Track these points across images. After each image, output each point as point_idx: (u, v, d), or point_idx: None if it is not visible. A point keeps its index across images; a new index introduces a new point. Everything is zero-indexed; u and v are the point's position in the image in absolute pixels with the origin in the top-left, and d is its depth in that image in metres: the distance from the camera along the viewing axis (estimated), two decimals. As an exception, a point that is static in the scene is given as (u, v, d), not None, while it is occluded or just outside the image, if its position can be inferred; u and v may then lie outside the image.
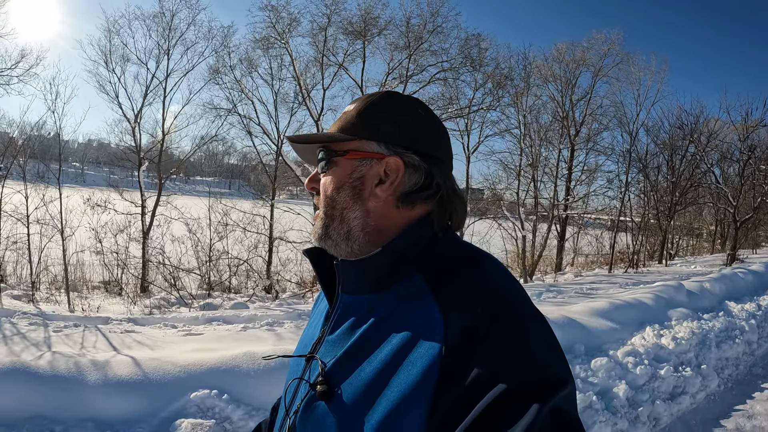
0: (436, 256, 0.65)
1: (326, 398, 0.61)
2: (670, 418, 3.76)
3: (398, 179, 0.66)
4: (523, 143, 11.29)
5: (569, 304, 5.61)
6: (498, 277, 0.61)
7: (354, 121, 0.69)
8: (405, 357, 0.56)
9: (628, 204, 13.38)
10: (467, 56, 10.13)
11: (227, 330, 4.76)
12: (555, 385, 0.50)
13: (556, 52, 13.64)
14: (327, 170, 0.70)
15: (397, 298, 0.62)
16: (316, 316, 0.79)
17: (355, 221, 0.67)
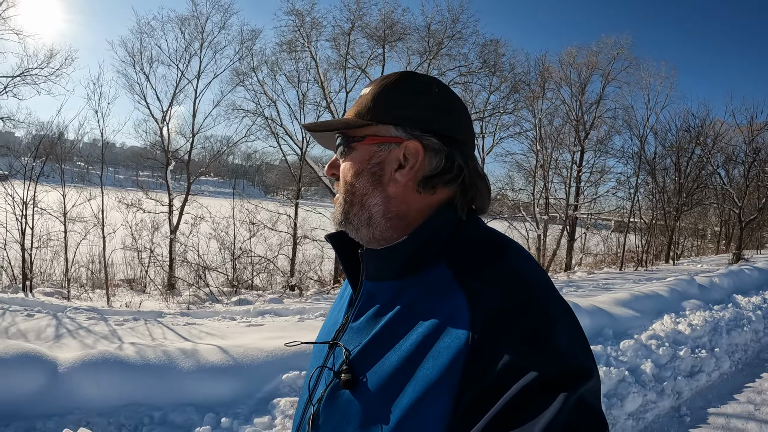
0: (461, 243, 0.65)
1: (351, 386, 0.61)
2: (690, 392, 4.37)
3: (418, 163, 0.66)
4: (538, 145, 11.92)
5: (592, 296, 6.23)
6: (524, 267, 0.62)
7: (370, 105, 0.69)
8: (431, 346, 0.56)
9: (637, 205, 14.09)
10: (486, 61, 10.77)
11: (285, 321, 5.32)
12: (580, 377, 0.51)
13: (566, 55, 14.36)
14: (345, 156, 0.70)
15: (422, 285, 0.63)
16: (340, 303, 0.80)
17: (375, 207, 0.67)
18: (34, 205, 8.47)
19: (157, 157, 11.04)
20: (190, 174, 10.91)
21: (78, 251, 9.77)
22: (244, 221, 10.70)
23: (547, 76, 12.49)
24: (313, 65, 10.68)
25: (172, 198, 10.49)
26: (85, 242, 9.61)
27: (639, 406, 3.83)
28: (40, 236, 9.09)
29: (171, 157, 10.76)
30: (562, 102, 13.64)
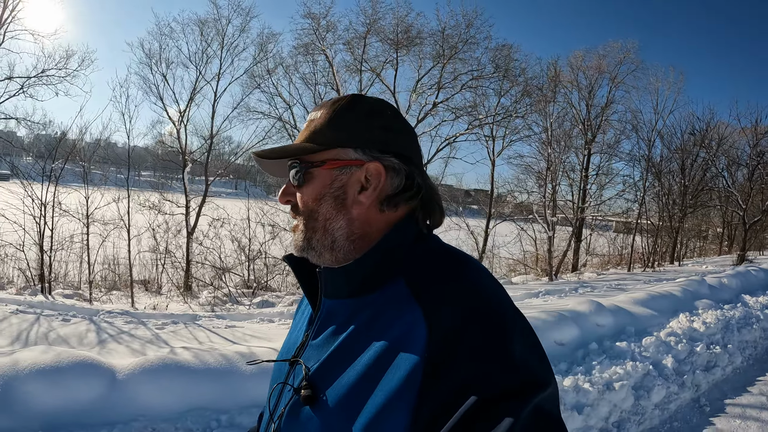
0: (418, 259, 0.67)
1: (310, 402, 0.63)
2: (707, 385, 4.79)
3: (381, 184, 0.68)
4: (550, 148, 12.37)
5: (609, 296, 6.65)
6: (480, 281, 0.63)
7: (326, 129, 0.71)
8: (388, 362, 0.58)
9: (643, 207, 14.59)
10: (499, 66, 11.20)
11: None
12: (536, 386, 0.53)
13: (574, 59, 14.82)
14: (304, 182, 0.71)
15: (380, 302, 0.64)
16: (300, 321, 0.82)
17: (339, 231, 0.69)
18: (53, 207, 8.75)
19: (172, 158, 11.36)
20: (208, 175, 11.24)
21: (97, 253, 10.05)
22: (259, 222, 11.04)
23: (557, 81, 12.93)
24: (328, 68, 11.07)
25: (189, 199, 10.80)
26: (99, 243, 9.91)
27: (663, 398, 4.24)
28: (60, 238, 9.37)
29: (188, 159, 11.08)
30: (570, 105, 14.12)
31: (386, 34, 10.83)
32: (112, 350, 4.42)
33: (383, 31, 10.81)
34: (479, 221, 13.90)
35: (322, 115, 0.72)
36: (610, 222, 17.20)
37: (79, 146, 10.45)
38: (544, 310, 5.05)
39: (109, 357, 3.75)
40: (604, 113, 14.09)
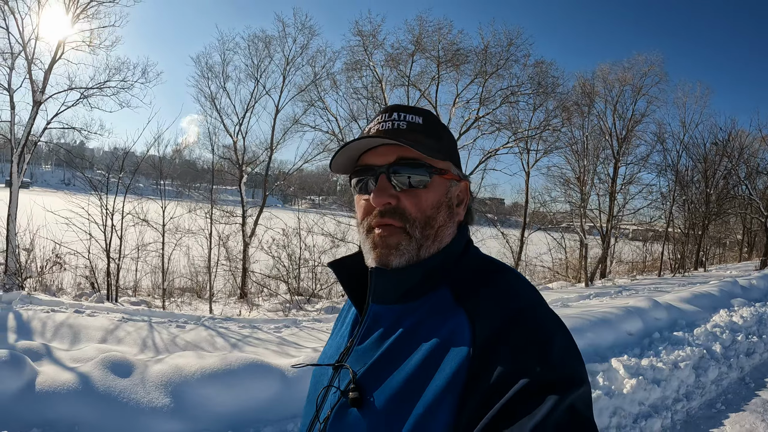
0: (462, 268, 0.76)
1: (358, 405, 0.69)
2: (749, 367, 5.99)
3: (467, 200, 0.81)
4: (584, 160, 13.66)
5: (656, 296, 7.88)
6: (519, 286, 0.72)
7: (438, 140, 0.78)
8: (435, 364, 0.64)
9: (670, 216, 15.91)
10: (540, 83, 12.52)
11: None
12: (572, 384, 0.59)
13: (600, 71, 16.16)
14: (423, 186, 0.75)
15: (426, 308, 0.72)
16: (342, 326, 0.89)
17: (448, 238, 0.77)
18: (122, 216, 9.90)
19: (229, 169, 12.55)
20: (266, 187, 12.47)
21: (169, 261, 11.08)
22: (311, 231, 12.20)
23: (592, 95, 14.25)
24: (375, 84, 12.36)
25: (245, 210, 11.97)
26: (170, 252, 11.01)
27: (716, 376, 5.44)
28: (126, 246, 10.52)
29: (244, 170, 12.28)
30: (598, 117, 15.43)
31: (431, 51, 12.17)
32: (260, 354, 4.75)
33: (428, 49, 12.14)
34: (509, 230, 15.17)
35: (426, 123, 0.77)
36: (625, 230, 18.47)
37: (145, 159, 11.67)
38: (612, 306, 6.27)
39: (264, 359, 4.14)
40: (631, 125, 15.41)
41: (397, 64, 12.19)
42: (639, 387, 4.42)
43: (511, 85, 12.50)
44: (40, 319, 5.88)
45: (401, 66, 12.27)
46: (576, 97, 13.73)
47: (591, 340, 5.19)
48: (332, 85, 12.72)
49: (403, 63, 12.19)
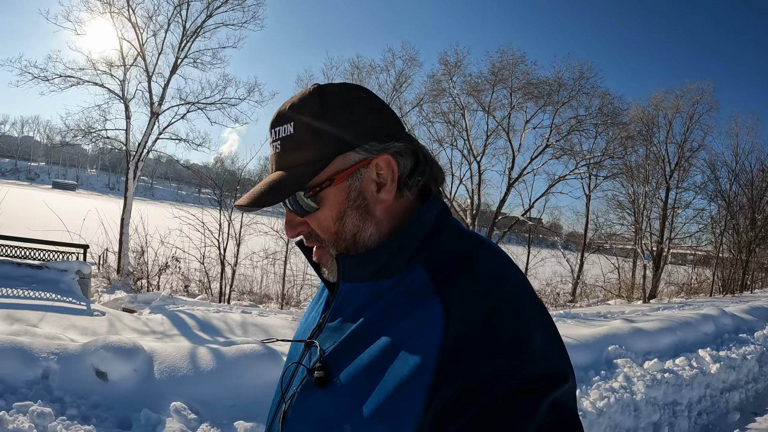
0: (439, 245, 0.73)
1: (323, 384, 0.70)
2: (803, 364, 8.05)
3: (395, 174, 0.72)
4: (645, 185, 15.86)
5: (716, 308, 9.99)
6: (501, 271, 0.69)
7: (312, 143, 0.71)
8: (403, 349, 0.64)
9: (720, 240, 18.02)
10: (605, 113, 14.85)
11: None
12: (556, 381, 0.59)
13: (654, 99, 18.41)
14: (316, 209, 0.73)
15: (398, 288, 0.71)
16: (317, 302, 0.90)
17: (371, 238, 0.73)
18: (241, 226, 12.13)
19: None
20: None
21: (285, 266, 13.07)
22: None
23: (649, 122, 16.56)
24: (456, 110, 14.79)
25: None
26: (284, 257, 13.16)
27: (775, 367, 7.52)
28: (242, 253, 12.70)
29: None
30: (652, 143, 17.63)
31: (508, 81, 14.61)
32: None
33: (506, 79, 14.57)
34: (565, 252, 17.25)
35: (296, 128, 0.71)
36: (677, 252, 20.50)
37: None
38: (688, 314, 8.37)
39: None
40: (682, 152, 17.59)
41: (478, 94, 14.57)
42: (721, 370, 6.49)
43: (579, 115, 14.80)
44: (219, 318, 7.87)
45: (483, 95, 14.69)
46: (638, 127, 16.00)
47: (680, 337, 7.26)
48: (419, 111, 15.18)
49: (484, 92, 14.62)
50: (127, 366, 4.09)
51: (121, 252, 12.03)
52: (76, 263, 9.54)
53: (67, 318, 6.51)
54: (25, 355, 3.98)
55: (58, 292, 8.16)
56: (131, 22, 12.37)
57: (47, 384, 3.87)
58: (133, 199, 12.29)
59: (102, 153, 16.67)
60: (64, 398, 3.74)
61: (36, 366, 3.94)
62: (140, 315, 7.88)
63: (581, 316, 9.43)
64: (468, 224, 15.30)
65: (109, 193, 16.59)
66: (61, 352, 4.07)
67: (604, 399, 4.70)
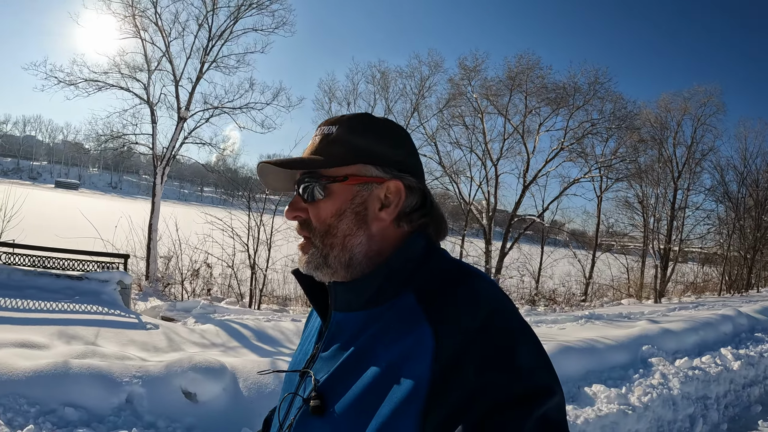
0: (427, 272, 0.79)
1: (319, 413, 0.74)
2: (814, 362, 8.79)
3: (401, 201, 0.81)
4: (659, 189, 16.62)
5: (732, 308, 10.74)
6: (487, 293, 0.74)
7: (346, 144, 0.81)
8: (396, 374, 0.68)
9: (727, 240, 18.87)
10: (618, 116, 15.58)
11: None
12: (543, 395, 0.63)
13: (661, 101, 19.15)
14: (323, 196, 0.80)
15: (389, 315, 0.76)
16: (310, 332, 0.95)
17: (359, 247, 0.80)
18: (271, 231, 12.67)
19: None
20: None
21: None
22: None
23: (661, 125, 17.33)
24: (474, 114, 15.47)
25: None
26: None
27: (791, 364, 8.24)
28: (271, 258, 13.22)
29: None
30: (656, 143, 18.35)
31: (524, 85, 15.29)
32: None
33: (522, 83, 15.26)
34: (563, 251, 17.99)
35: (338, 131, 0.83)
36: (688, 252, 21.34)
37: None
38: (707, 315, 9.09)
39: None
40: (690, 153, 18.36)
41: (495, 98, 15.25)
42: (741, 366, 7.18)
43: (593, 119, 15.54)
44: (272, 327, 8.06)
45: (499, 99, 15.37)
46: (651, 131, 16.76)
47: (702, 337, 7.96)
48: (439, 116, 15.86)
49: (501, 96, 15.30)
50: (216, 385, 4.16)
51: (149, 258, 12.48)
52: (117, 273, 9.53)
53: (123, 333, 6.52)
54: (107, 380, 3.97)
55: (102, 304, 8.13)
56: (158, 26, 12.79)
57: (134, 409, 3.89)
58: (160, 204, 12.76)
59: (105, 152, 17.00)
60: (157, 423, 3.79)
61: (119, 391, 3.91)
62: (184, 324, 8.06)
63: (605, 317, 10.12)
64: (485, 225, 16.04)
65: (112, 192, 16.81)
66: (144, 375, 4.08)
67: (647, 395, 5.36)
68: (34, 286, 8.35)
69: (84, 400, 3.82)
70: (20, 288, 8.11)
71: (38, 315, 6.95)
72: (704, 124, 18.71)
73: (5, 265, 9.03)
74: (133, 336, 6.46)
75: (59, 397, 3.80)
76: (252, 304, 13.01)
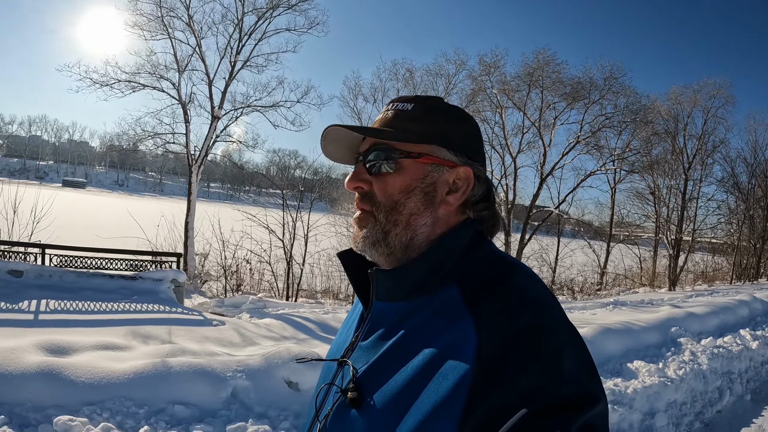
0: (473, 264, 0.79)
1: (357, 405, 0.74)
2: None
3: (468, 189, 0.81)
4: (672, 180, 17.44)
5: (747, 294, 11.59)
6: (533, 290, 0.74)
7: (422, 123, 0.81)
8: (437, 369, 0.68)
9: (740, 230, 19.77)
10: (635, 111, 16.36)
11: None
12: (587, 402, 0.62)
13: (673, 93, 19.92)
14: (392, 171, 0.80)
15: (431, 307, 0.76)
16: (350, 321, 0.96)
17: (422, 228, 0.80)
18: (308, 227, 13.40)
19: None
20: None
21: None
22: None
23: (675, 118, 18.16)
24: (493, 108, 16.23)
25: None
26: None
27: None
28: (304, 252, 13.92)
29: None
30: (670, 136, 19.15)
31: (541, 81, 16.04)
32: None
33: (541, 79, 16.01)
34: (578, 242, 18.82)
35: (414, 109, 0.83)
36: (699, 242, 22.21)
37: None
38: (725, 300, 9.94)
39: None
40: (700, 144, 19.18)
41: (513, 93, 16.03)
42: (759, 346, 8.01)
43: (607, 112, 16.34)
44: (332, 319, 8.54)
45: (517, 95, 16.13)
46: (665, 124, 17.59)
47: (722, 320, 8.80)
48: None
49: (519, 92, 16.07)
50: (314, 374, 4.23)
51: (186, 255, 13.13)
52: (171, 272, 9.69)
53: (194, 330, 6.64)
54: (210, 376, 4.15)
55: (160, 303, 8.25)
56: (190, 26, 13.39)
57: (242, 401, 4.06)
58: (196, 202, 13.45)
59: (110, 150, 17.57)
60: (268, 413, 3.99)
61: (225, 386, 4.08)
62: (239, 319, 8.36)
63: (628, 304, 10.96)
64: (504, 218, 16.75)
65: (119, 190, 17.11)
66: (246, 369, 4.28)
67: (681, 369, 6.17)
68: (90, 288, 8.57)
69: (191, 397, 3.98)
70: (75, 290, 8.31)
71: (103, 316, 7.16)
72: (714, 116, 19.50)
73: (57, 267, 9.20)
74: (204, 333, 6.64)
75: (165, 396, 3.97)
76: (289, 297, 13.71)
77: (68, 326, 6.18)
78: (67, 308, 7.32)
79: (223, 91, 13.77)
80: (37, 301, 7.39)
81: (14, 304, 7.10)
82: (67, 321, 6.58)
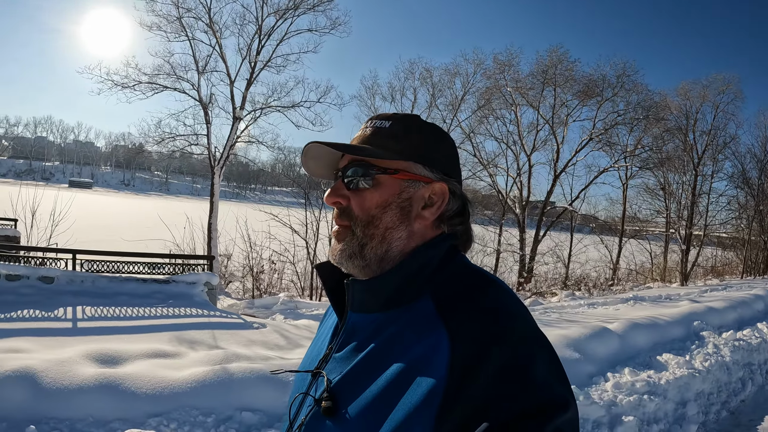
0: (447, 276, 0.82)
1: (331, 414, 0.76)
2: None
3: (443, 203, 0.85)
4: (685, 176, 17.88)
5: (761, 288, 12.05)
6: (505, 302, 0.77)
7: (399, 140, 0.86)
8: (410, 379, 0.70)
9: (750, 225, 20.27)
10: (647, 107, 16.78)
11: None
12: (557, 408, 0.65)
13: (681, 89, 20.31)
14: (369, 186, 0.84)
15: (405, 318, 0.78)
16: (324, 332, 0.98)
17: (397, 241, 0.83)
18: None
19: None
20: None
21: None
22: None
23: (686, 114, 18.61)
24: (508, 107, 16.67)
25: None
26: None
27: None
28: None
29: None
30: (681, 133, 19.57)
31: (555, 79, 16.47)
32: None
33: (553, 77, 16.44)
34: (591, 238, 19.28)
35: (392, 126, 0.87)
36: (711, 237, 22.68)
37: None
38: (742, 294, 10.40)
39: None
40: (713, 139, 19.62)
41: (527, 91, 16.45)
42: (776, 339, 8.48)
43: (619, 109, 16.80)
44: None
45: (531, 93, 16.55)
46: (675, 120, 18.03)
47: (740, 314, 9.26)
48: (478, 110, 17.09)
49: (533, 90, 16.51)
50: None
51: (209, 256, 13.50)
52: (204, 275, 9.67)
53: (238, 334, 6.65)
54: (274, 380, 4.18)
55: (196, 306, 8.23)
56: (211, 27, 13.74)
57: None
58: (219, 202, 13.80)
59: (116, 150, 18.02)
60: None
61: (289, 389, 4.30)
62: (274, 320, 8.60)
63: (647, 299, 11.41)
64: (518, 215, 17.27)
65: (125, 190, 17.21)
66: None
67: (707, 361, 6.61)
68: (124, 293, 8.48)
69: (257, 403, 3.99)
70: (110, 295, 8.24)
71: (143, 322, 7.15)
72: (723, 111, 19.90)
73: (88, 273, 9.15)
74: (248, 336, 6.66)
75: (232, 403, 4.00)
76: (312, 296, 14.11)
77: (109, 333, 6.22)
78: (105, 315, 7.33)
79: (244, 92, 14.11)
80: (73, 308, 7.35)
81: (50, 311, 7.05)
82: (107, 328, 6.60)
